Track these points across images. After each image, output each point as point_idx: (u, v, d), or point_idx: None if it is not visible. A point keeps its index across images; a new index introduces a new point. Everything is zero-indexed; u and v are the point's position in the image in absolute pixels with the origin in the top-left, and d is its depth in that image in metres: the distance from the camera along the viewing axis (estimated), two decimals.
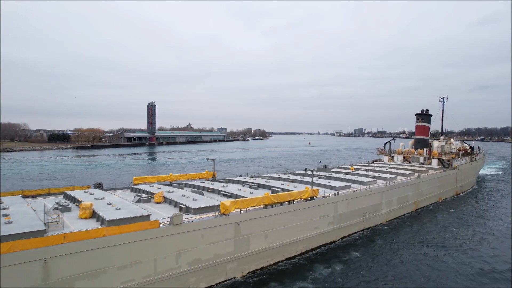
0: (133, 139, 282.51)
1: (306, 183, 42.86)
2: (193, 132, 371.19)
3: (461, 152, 67.61)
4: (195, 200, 28.73)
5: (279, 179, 46.08)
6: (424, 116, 71.86)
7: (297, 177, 45.99)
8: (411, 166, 61.75)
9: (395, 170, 54.66)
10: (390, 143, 75.86)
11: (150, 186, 35.98)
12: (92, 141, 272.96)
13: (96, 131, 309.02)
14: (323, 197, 34.21)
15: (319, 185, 41.30)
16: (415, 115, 72.72)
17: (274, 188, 36.25)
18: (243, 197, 31.35)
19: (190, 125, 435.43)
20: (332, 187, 39.40)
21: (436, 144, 68.80)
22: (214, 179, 45.26)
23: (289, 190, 34.18)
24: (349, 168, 57.54)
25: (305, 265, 29.43)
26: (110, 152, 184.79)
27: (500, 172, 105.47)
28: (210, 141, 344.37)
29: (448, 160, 64.20)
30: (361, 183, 43.44)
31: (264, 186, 39.04)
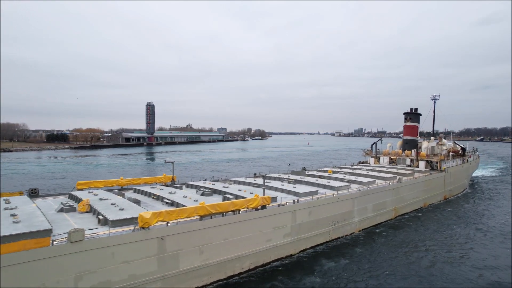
0: (131, 139, 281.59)
1: (270, 188, 39.34)
2: (192, 132, 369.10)
3: (450, 153, 63.25)
4: (122, 210, 25.34)
5: (244, 183, 42.57)
6: (412, 115, 67.49)
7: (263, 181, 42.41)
8: (396, 168, 57.69)
9: (376, 174, 50.75)
10: (376, 144, 71.75)
11: (89, 192, 32.65)
12: (90, 141, 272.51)
13: (95, 131, 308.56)
14: (279, 205, 30.59)
15: (282, 190, 37.75)
16: (404, 114, 68.43)
17: (227, 195, 32.70)
18: (183, 205, 28.00)
19: (189, 125, 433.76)
20: (295, 193, 35.77)
21: (425, 145, 64.55)
22: (173, 183, 41.89)
23: (243, 197, 30.72)
24: (327, 171, 53.77)
25: (249, 283, 25.91)
26: (108, 152, 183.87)
27: (496, 174, 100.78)
28: (209, 141, 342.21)
29: (437, 162, 60.02)
30: (332, 188, 39.71)
31: (220, 192, 35.54)
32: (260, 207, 28.62)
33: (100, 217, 23.75)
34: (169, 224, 23.38)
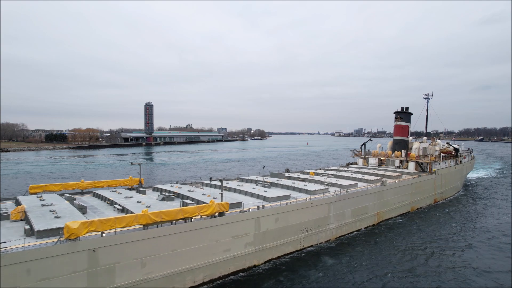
0: (130, 139, 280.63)
1: (240, 192, 36.94)
2: (191, 132, 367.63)
3: (442, 154, 60.25)
4: (58, 218, 23.05)
5: (215, 186, 40.16)
6: (403, 115, 64.52)
7: (235, 184, 40.05)
8: (383, 170, 54.94)
9: (360, 176, 48.08)
10: (365, 144, 68.92)
11: (37, 197, 30.37)
12: (88, 141, 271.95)
13: (94, 131, 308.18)
14: (240, 211, 28.15)
15: (252, 195, 35.30)
16: (394, 113, 65.50)
17: (187, 201, 30.28)
18: (132, 212, 25.68)
19: (190, 125, 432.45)
20: (264, 198, 33.32)
21: (415, 145, 61.62)
22: (140, 186, 39.58)
23: (204, 203, 28.33)
24: (309, 173, 51.23)
25: None
26: (106, 153, 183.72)
27: (494, 175, 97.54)
28: (208, 141, 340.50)
29: (427, 164, 57.16)
30: (307, 192, 37.19)
31: (182, 197, 33.18)
32: (217, 214, 26.21)
33: (27, 226, 21.46)
34: (104, 234, 21.04)
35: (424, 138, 68.91)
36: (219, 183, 41.52)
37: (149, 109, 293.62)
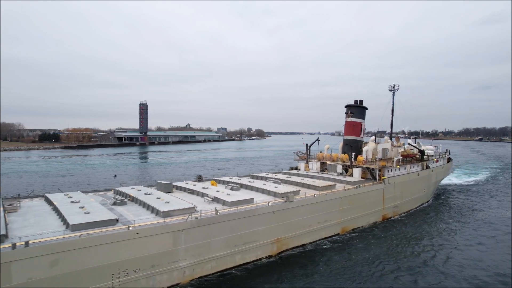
0: (123, 139, 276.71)
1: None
2: (187, 132, 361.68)
3: (396, 159, 47.68)
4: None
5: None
6: (355, 109, 52.36)
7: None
8: (317, 179, 43.60)
9: (271, 187, 36.80)
10: (309, 146, 57.11)
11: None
12: (82, 140, 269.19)
13: (90, 131, 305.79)
14: None
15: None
16: (345, 107, 53.39)
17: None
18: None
19: (189, 125, 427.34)
20: (69, 226, 23.00)
21: (366, 147, 49.56)
22: None
23: None
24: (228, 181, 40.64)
25: None
26: (98, 152, 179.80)
27: (480, 179, 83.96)
28: (205, 141, 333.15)
29: (379, 170, 45.27)
30: (157, 213, 26.67)
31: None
32: None
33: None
34: None
35: (386, 137, 56.61)
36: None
37: (143, 109, 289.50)
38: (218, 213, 27.30)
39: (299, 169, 54.83)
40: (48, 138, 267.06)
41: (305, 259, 31.04)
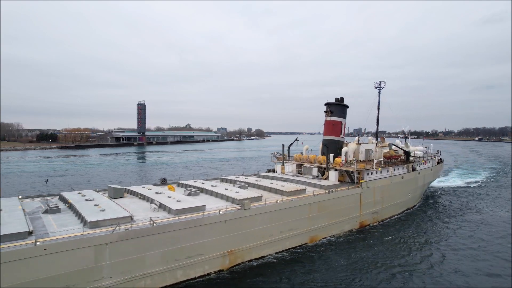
0: (121, 139, 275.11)
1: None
2: (185, 132, 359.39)
3: (377, 160, 44.05)
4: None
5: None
6: (334, 107, 48.77)
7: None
8: (282, 183, 40.17)
9: (230, 194, 33.36)
10: (287, 147, 53.60)
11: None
12: (79, 141, 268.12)
13: (86, 130, 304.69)
14: None
15: None
16: (325, 105, 49.81)
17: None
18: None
19: (189, 125, 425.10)
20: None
21: (345, 148, 45.92)
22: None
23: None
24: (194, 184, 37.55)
25: None
26: (95, 152, 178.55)
27: (480, 179, 79.85)
28: (203, 141, 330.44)
29: (359, 173, 41.69)
30: (86, 223, 23.53)
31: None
32: None
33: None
34: None
35: (370, 137, 52.87)
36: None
37: (141, 109, 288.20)
38: (154, 224, 24.05)
39: (276, 172, 51.43)
40: (46, 138, 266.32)
41: (264, 271, 27.74)
